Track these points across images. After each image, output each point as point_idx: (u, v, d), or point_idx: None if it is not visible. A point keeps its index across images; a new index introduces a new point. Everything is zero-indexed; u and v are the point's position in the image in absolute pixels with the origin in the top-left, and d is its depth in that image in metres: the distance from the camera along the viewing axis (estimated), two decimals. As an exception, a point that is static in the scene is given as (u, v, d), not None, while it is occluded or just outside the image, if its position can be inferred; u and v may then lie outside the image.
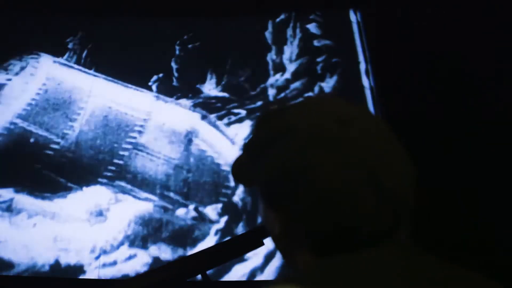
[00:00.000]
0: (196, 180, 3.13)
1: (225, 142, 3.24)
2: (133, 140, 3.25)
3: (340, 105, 0.85)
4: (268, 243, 2.96)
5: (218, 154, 3.20)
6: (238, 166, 0.97)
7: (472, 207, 2.78)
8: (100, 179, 3.13)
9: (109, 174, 3.15)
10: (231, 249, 1.58)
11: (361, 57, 3.46)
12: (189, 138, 3.25)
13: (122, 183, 3.13)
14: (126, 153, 3.22)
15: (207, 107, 3.37)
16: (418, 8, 3.28)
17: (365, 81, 3.37)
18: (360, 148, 0.77)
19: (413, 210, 0.81)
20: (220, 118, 3.32)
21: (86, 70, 3.49)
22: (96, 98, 3.39)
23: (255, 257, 2.91)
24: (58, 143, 3.23)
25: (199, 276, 1.54)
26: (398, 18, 3.30)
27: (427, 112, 3.05)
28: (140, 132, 3.28)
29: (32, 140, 3.24)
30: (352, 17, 3.60)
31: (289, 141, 0.80)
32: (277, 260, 2.90)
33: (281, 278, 0.78)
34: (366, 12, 3.59)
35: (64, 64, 3.51)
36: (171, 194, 3.09)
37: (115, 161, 3.19)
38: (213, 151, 3.21)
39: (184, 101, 3.39)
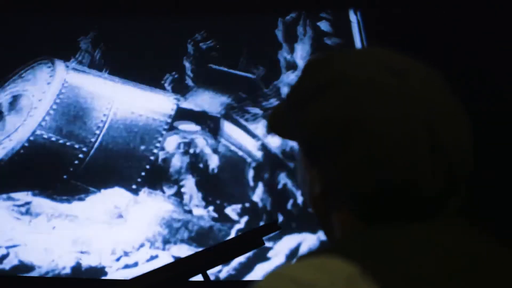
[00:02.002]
0: (216, 180, 3.13)
1: (248, 140, 3.24)
2: (155, 143, 3.25)
3: (394, 56, 0.78)
4: (268, 243, 2.95)
5: (241, 152, 3.20)
6: (277, 116, 0.87)
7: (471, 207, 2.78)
8: (119, 181, 3.13)
9: (128, 175, 3.15)
10: (232, 249, 1.58)
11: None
12: (209, 137, 3.25)
13: (141, 184, 3.13)
14: (147, 155, 3.21)
15: (223, 106, 3.36)
16: (418, 8, 3.28)
17: None
18: (417, 100, 0.71)
19: (469, 176, 0.74)
20: (237, 117, 3.32)
21: (102, 74, 3.48)
22: (117, 103, 3.38)
23: (276, 257, 2.92)
24: (78, 149, 3.23)
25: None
26: (399, 18, 3.30)
27: None
28: (161, 134, 3.28)
29: (53, 147, 3.24)
30: (352, 17, 3.60)
31: (340, 90, 0.73)
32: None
33: (316, 250, 0.71)
34: (366, 12, 3.59)
35: (80, 70, 3.50)
36: (192, 195, 3.09)
37: (134, 163, 3.19)
38: (235, 149, 3.21)
39: (199, 100, 3.39)
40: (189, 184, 3.12)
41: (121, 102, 3.38)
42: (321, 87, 0.75)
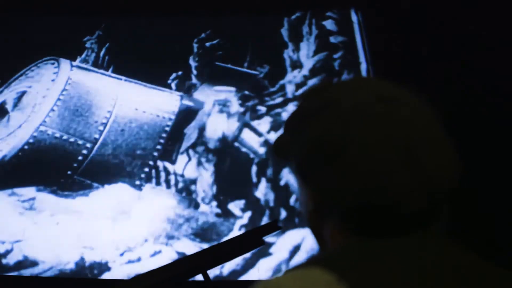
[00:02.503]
0: (219, 176, 3.12)
1: (252, 136, 3.24)
2: (158, 139, 3.25)
3: (385, 85, 0.82)
4: (271, 239, 2.95)
5: (244, 148, 3.20)
6: (279, 141, 0.94)
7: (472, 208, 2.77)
8: (122, 177, 3.14)
9: (131, 171, 3.16)
10: (232, 248, 1.57)
11: (362, 57, 3.46)
12: (215, 135, 3.25)
13: (145, 180, 3.13)
14: (151, 151, 3.22)
15: (228, 104, 3.37)
16: (419, 8, 3.28)
17: None
18: (401, 126, 0.75)
19: (452, 199, 0.78)
20: (241, 114, 3.32)
21: (106, 72, 3.50)
22: (121, 100, 3.40)
23: (279, 252, 2.90)
24: (81, 145, 3.24)
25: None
26: (400, 18, 3.30)
27: None
28: (165, 130, 3.28)
29: (57, 144, 3.25)
30: (353, 17, 3.60)
31: (329, 115, 0.78)
32: (303, 254, 2.89)
33: (305, 261, 0.75)
34: (367, 11, 3.59)
35: (84, 68, 3.52)
36: (195, 190, 3.09)
37: (138, 159, 3.19)
38: (239, 145, 3.21)
39: (204, 98, 3.39)
40: (192, 180, 3.12)
41: (125, 99, 3.40)
42: (313, 112, 0.81)
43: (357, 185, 0.74)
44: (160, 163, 3.18)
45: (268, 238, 2.78)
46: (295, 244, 2.93)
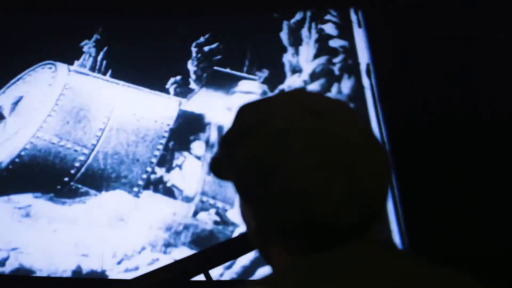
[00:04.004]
0: (217, 184, 3.10)
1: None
2: (156, 145, 3.23)
3: (313, 97, 0.85)
4: None
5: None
6: (216, 161, 0.94)
7: (471, 209, 2.77)
8: (120, 184, 3.12)
9: (129, 178, 3.14)
10: (234, 248, 1.57)
11: (361, 57, 3.44)
12: (214, 141, 3.23)
13: (143, 187, 3.11)
14: (149, 158, 3.20)
15: (225, 108, 3.35)
16: (420, 8, 3.27)
17: (366, 81, 3.34)
18: (332, 139, 0.75)
19: (386, 206, 0.80)
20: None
21: (103, 77, 3.48)
22: (119, 105, 3.37)
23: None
24: (78, 151, 3.22)
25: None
26: (401, 17, 3.29)
27: (428, 113, 3.03)
28: (163, 136, 3.26)
29: (54, 150, 3.23)
30: (353, 16, 3.59)
31: (260, 134, 0.78)
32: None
33: (254, 280, 0.77)
34: (367, 11, 3.58)
35: (81, 73, 3.50)
36: (193, 198, 3.07)
37: (136, 166, 3.18)
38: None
39: (202, 104, 3.37)
40: (190, 187, 3.10)
41: (122, 105, 3.38)
42: (243, 134, 0.81)
43: (291, 205, 0.74)
44: (158, 170, 3.16)
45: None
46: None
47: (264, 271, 2.84)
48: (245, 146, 0.80)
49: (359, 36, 3.51)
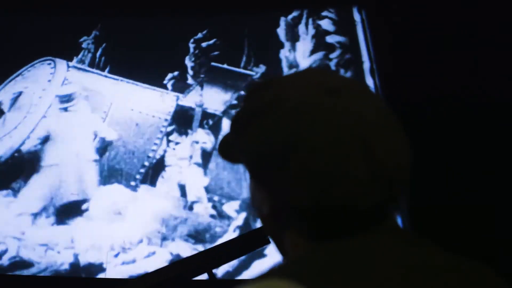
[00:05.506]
0: (214, 177, 3.13)
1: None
2: (154, 140, 3.26)
3: (329, 75, 0.80)
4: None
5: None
6: (225, 143, 0.90)
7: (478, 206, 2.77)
8: (117, 178, 3.14)
9: (127, 172, 3.16)
10: (238, 247, 1.57)
11: (365, 56, 3.45)
12: (209, 135, 3.25)
13: (140, 181, 3.13)
14: (146, 152, 3.22)
15: (223, 103, 3.37)
16: (421, 8, 3.27)
17: (369, 81, 3.35)
18: (351, 117, 0.72)
19: (408, 186, 0.75)
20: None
21: (102, 73, 3.50)
22: (117, 100, 3.40)
23: (274, 253, 2.90)
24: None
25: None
26: (402, 17, 3.29)
27: (431, 110, 3.03)
28: (160, 131, 3.28)
29: (53, 145, 3.25)
30: (356, 16, 3.59)
31: (275, 113, 0.74)
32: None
33: (267, 271, 0.71)
34: (370, 10, 3.57)
35: (80, 69, 3.52)
36: (190, 191, 3.09)
37: (133, 160, 3.20)
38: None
39: (200, 99, 3.39)
40: (187, 181, 3.12)
41: (121, 100, 3.40)
42: (258, 112, 0.77)
43: (311, 185, 0.70)
44: (155, 164, 3.18)
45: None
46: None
47: (259, 264, 2.86)
48: (259, 125, 0.76)
49: (361, 34, 3.51)
